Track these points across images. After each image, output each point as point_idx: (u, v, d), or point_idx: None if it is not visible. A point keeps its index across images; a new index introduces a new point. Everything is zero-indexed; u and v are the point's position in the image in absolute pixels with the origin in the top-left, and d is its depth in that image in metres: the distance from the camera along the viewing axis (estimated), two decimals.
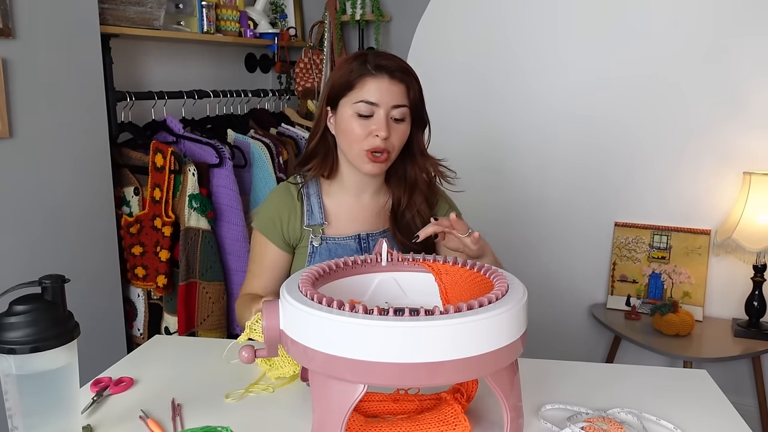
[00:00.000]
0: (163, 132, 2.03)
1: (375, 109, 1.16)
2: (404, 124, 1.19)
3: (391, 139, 1.17)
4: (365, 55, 1.20)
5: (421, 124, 1.25)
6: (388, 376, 0.73)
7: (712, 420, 0.93)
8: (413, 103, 1.20)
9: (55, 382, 0.79)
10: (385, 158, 1.18)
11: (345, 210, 1.28)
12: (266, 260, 1.29)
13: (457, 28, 2.56)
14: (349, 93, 1.18)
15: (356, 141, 1.18)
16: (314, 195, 1.28)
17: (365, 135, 1.17)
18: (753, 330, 2.13)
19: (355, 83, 1.17)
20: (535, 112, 2.49)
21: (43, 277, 0.79)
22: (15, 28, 1.59)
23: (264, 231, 1.29)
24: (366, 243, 1.27)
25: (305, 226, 1.26)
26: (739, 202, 2.17)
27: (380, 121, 1.16)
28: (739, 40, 2.19)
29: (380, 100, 1.16)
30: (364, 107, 1.16)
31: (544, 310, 2.48)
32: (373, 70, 1.17)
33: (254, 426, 0.91)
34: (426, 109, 1.25)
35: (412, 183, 1.26)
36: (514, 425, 0.83)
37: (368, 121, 1.17)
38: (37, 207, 1.69)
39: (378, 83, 1.16)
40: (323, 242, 1.25)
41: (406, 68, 1.20)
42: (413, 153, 1.26)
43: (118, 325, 1.96)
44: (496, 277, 0.88)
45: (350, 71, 1.18)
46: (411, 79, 1.19)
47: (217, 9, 2.35)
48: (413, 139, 1.24)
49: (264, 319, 0.84)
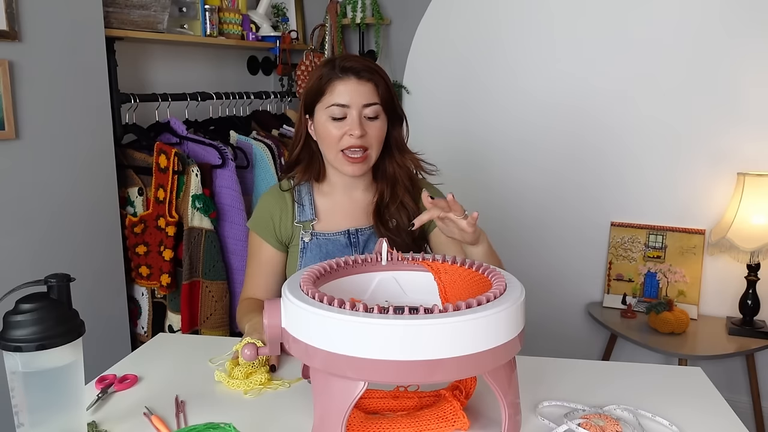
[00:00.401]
0: (166, 133, 2.04)
1: (347, 110, 1.20)
2: (379, 121, 1.23)
3: (367, 137, 1.21)
4: (333, 60, 1.23)
5: (397, 119, 1.29)
6: (388, 374, 0.74)
7: (706, 416, 0.94)
8: (383, 99, 1.23)
9: (61, 379, 0.79)
10: (363, 158, 1.22)
11: (335, 207, 1.31)
12: (261, 259, 1.32)
13: (456, 32, 2.57)
14: (321, 98, 1.22)
15: (333, 143, 1.22)
16: (306, 193, 1.32)
17: (340, 136, 1.21)
18: (747, 328, 2.15)
19: (326, 88, 1.21)
20: (532, 113, 2.50)
21: (49, 276, 0.80)
22: (21, 31, 1.60)
23: (257, 230, 1.32)
24: (355, 238, 1.29)
25: (296, 222, 1.29)
26: (734, 202, 2.18)
27: (353, 121, 1.20)
28: (734, 41, 2.20)
29: (350, 101, 1.20)
30: (337, 110, 1.20)
31: (541, 309, 2.49)
32: (340, 73, 1.20)
33: (257, 422, 0.92)
34: (399, 103, 1.29)
35: (392, 178, 1.30)
36: (512, 422, 0.84)
37: (342, 123, 1.21)
38: (43, 207, 1.71)
39: (346, 85, 1.20)
40: (313, 237, 1.28)
41: (372, 67, 1.23)
42: (391, 149, 1.29)
43: (122, 324, 1.97)
44: (495, 276, 0.90)
45: (320, 77, 1.22)
46: (377, 77, 1.22)
47: (220, 12, 2.36)
48: (390, 135, 1.28)
49: (265, 318, 0.85)
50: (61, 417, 0.81)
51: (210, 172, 1.97)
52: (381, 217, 1.29)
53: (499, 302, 0.79)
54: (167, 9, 2.02)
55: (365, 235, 1.29)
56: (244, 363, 1.05)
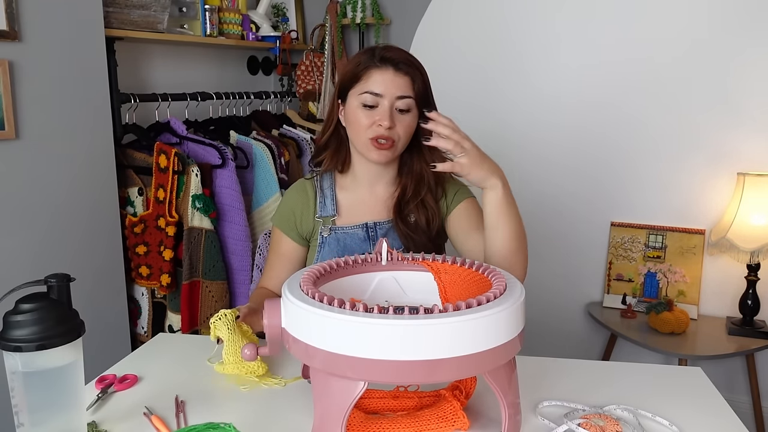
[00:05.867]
0: (166, 133, 2.04)
1: (379, 99, 1.19)
2: (409, 115, 1.21)
3: (396, 129, 1.20)
4: (374, 49, 1.23)
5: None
6: (388, 374, 0.74)
7: (706, 416, 0.94)
8: (418, 94, 1.21)
9: (61, 379, 0.79)
10: (389, 146, 1.20)
11: (357, 201, 1.31)
12: (281, 251, 1.34)
13: (456, 32, 2.57)
14: (356, 85, 1.21)
15: (362, 130, 1.21)
16: (328, 188, 1.32)
17: (370, 124, 1.20)
18: (747, 328, 2.15)
19: (362, 75, 1.20)
20: (533, 114, 2.50)
21: (49, 276, 0.80)
22: (21, 31, 1.60)
23: (279, 224, 1.34)
24: (374, 231, 1.29)
25: (317, 217, 1.30)
26: (733, 202, 2.18)
27: (384, 111, 1.19)
28: (734, 42, 2.20)
29: (384, 90, 1.19)
30: (369, 98, 1.19)
31: (541, 309, 2.49)
32: (378, 62, 1.20)
33: (257, 422, 0.92)
34: (434, 101, 1.27)
35: (418, 175, 1.28)
36: (512, 422, 0.84)
37: (373, 112, 1.20)
38: (43, 207, 1.71)
39: (382, 75, 1.19)
40: (332, 232, 1.28)
41: (412, 61, 1.22)
42: (420, 145, 1.27)
43: (122, 323, 1.98)
44: (495, 276, 0.90)
45: (358, 64, 1.21)
46: (415, 71, 1.21)
47: (220, 12, 2.36)
48: (421, 132, 1.25)
49: (265, 318, 0.85)
50: (61, 417, 0.81)
51: (210, 172, 1.97)
52: (401, 212, 1.28)
53: (499, 302, 0.79)
54: (167, 9, 2.02)
55: (383, 229, 1.29)
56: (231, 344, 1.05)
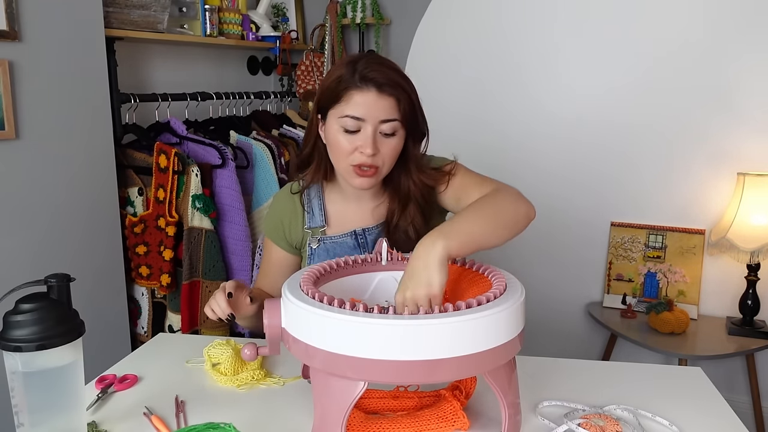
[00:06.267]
0: (166, 133, 2.04)
1: (362, 124, 1.08)
2: (395, 138, 1.11)
3: (380, 155, 1.10)
4: (355, 63, 1.10)
5: (419, 135, 1.18)
6: (388, 374, 0.74)
7: (706, 416, 0.94)
8: (405, 116, 1.11)
9: (61, 379, 0.80)
10: (373, 173, 1.12)
11: (345, 210, 1.27)
12: (272, 259, 1.31)
13: (456, 31, 2.57)
14: (335, 105, 1.10)
15: (343, 156, 1.11)
16: (316, 197, 1.26)
17: (351, 150, 1.10)
18: (747, 328, 2.15)
19: (342, 95, 1.09)
20: (532, 113, 2.50)
21: (49, 276, 0.80)
22: (21, 31, 1.60)
23: (269, 234, 1.31)
24: (363, 238, 1.23)
25: (305, 228, 1.25)
26: (733, 202, 2.18)
27: (367, 137, 1.08)
28: (734, 42, 2.20)
29: (367, 114, 1.07)
30: (351, 122, 1.08)
31: (541, 309, 2.49)
32: (359, 83, 1.07)
33: (257, 422, 0.92)
34: (424, 119, 1.17)
35: (405, 195, 1.19)
36: (512, 422, 0.85)
37: (355, 137, 1.09)
38: (43, 207, 1.71)
39: (364, 97, 1.07)
40: (321, 243, 1.23)
41: (396, 80, 1.10)
42: (407, 165, 1.18)
43: (122, 323, 1.98)
44: (495, 276, 0.90)
45: (338, 80, 1.09)
46: (401, 91, 1.10)
47: (220, 12, 2.36)
48: (408, 151, 1.17)
49: (265, 318, 0.85)
50: (61, 417, 0.81)
51: (210, 172, 1.97)
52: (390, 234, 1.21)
53: (499, 302, 0.79)
54: (167, 9, 2.02)
55: (373, 234, 1.24)
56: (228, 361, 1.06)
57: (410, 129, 1.15)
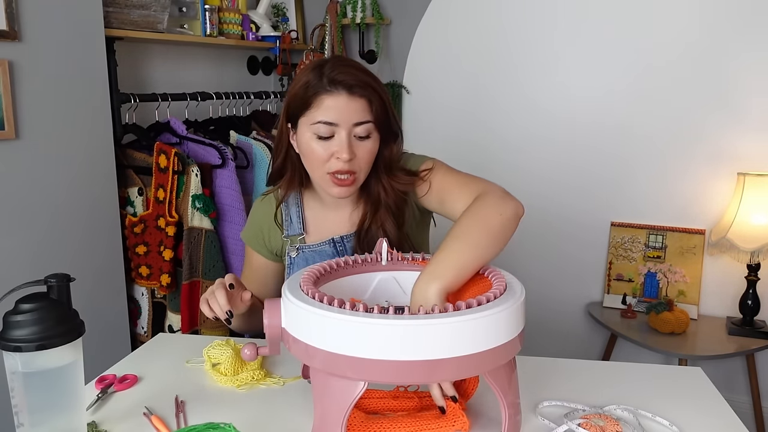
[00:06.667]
0: (166, 133, 2.04)
1: (335, 129, 1.06)
2: (370, 140, 1.09)
3: (356, 160, 1.08)
4: (322, 66, 1.07)
5: (391, 137, 1.15)
6: (388, 374, 0.74)
7: (706, 416, 0.94)
8: (377, 117, 1.09)
9: (61, 379, 0.79)
10: (351, 181, 1.10)
11: (323, 218, 1.24)
12: (254, 268, 1.29)
13: (456, 31, 2.57)
14: (306, 112, 1.08)
15: (318, 164, 1.09)
16: (294, 205, 1.24)
17: (327, 157, 1.08)
18: (747, 328, 2.15)
19: (311, 101, 1.06)
20: (532, 113, 2.50)
21: (49, 276, 0.80)
22: (21, 31, 1.60)
23: (248, 242, 1.29)
24: (341, 245, 1.21)
25: (284, 237, 1.23)
26: (734, 202, 2.18)
27: (342, 142, 1.06)
28: (734, 42, 2.20)
29: (339, 119, 1.05)
30: (324, 128, 1.06)
31: (541, 309, 2.49)
32: (329, 86, 1.05)
33: (257, 422, 0.92)
34: (395, 119, 1.14)
35: (375, 200, 1.16)
36: (512, 422, 0.84)
37: (329, 143, 1.07)
38: (43, 207, 1.71)
39: (335, 100, 1.05)
40: (299, 252, 1.21)
41: (366, 81, 1.08)
42: (378, 169, 1.15)
43: (122, 324, 1.98)
44: (495, 276, 0.90)
45: (306, 86, 1.07)
46: (371, 91, 1.08)
47: (220, 12, 2.36)
48: (380, 154, 1.14)
49: (265, 318, 0.85)
50: (61, 417, 0.81)
51: (210, 172, 1.97)
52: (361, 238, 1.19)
53: (499, 302, 0.79)
54: (167, 9, 2.02)
55: (351, 242, 1.20)
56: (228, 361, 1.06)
57: (383, 131, 1.12)
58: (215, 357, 1.09)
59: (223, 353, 1.08)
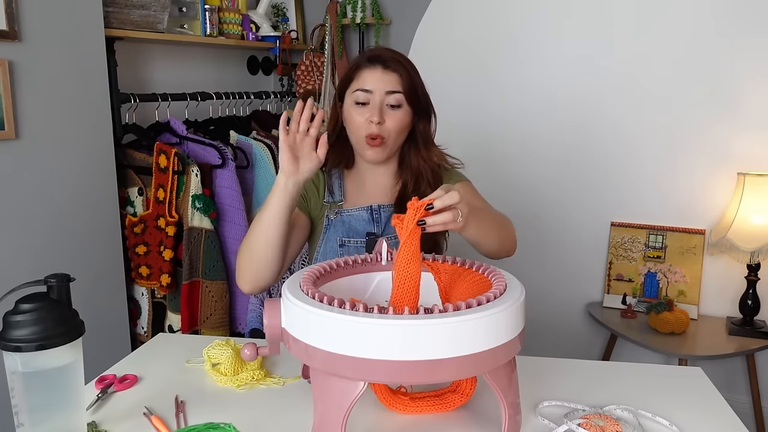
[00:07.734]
0: (166, 133, 2.04)
1: (370, 96, 1.25)
2: (400, 111, 1.26)
3: (386, 125, 1.25)
4: (368, 51, 1.32)
5: (424, 113, 1.32)
6: (388, 374, 0.74)
7: (706, 416, 0.94)
8: (407, 90, 1.26)
9: (61, 379, 0.79)
10: (380, 143, 1.26)
11: (362, 189, 1.36)
12: None
13: (456, 32, 2.57)
14: (350, 84, 1.29)
15: (356, 128, 1.27)
16: (336, 178, 1.37)
17: (362, 122, 1.26)
18: (747, 328, 2.15)
19: (354, 75, 1.28)
20: (532, 113, 2.50)
21: (49, 276, 0.80)
22: (21, 31, 1.60)
23: None
24: (377, 213, 1.32)
25: (324, 201, 1.34)
26: (734, 202, 2.18)
27: (374, 107, 1.25)
28: (734, 41, 2.20)
29: (374, 87, 1.25)
30: (361, 95, 1.26)
31: (541, 309, 2.49)
32: (368, 62, 1.27)
33: (257, 422, 0.92)
34: (427, 99, 1.31)
35: (416, 172, 1.33)
36: (512, 422, 0.85)
37: (365, 108, 1.26)
38: (43, 207, 1.71)
39: (372, 73, 1.26)
40: (338, 215, 1.33)
41: (400, 60, 1.28)
42: (417, 142, 1.33)
43: (122, 324, 1.98)
44: (495, 276, 0.90)
45: (351, 66, 1.30)
46: (402, 68, 1.27)
47: (220, 12, 2.36)
48: (416, 129, 1.32)
49: (265, 318, 0.85)
50: (61, 417, 0.81)
51: (210, 172, 1.97)
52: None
53: (499, 302, 0.79)
54: (167, 9, 2.02)
55: (388, 212, 1.33)
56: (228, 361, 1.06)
57: (414, 105, 1.28)
58: (215, 357, 1.09)
59: (223, 353, 1.08)
